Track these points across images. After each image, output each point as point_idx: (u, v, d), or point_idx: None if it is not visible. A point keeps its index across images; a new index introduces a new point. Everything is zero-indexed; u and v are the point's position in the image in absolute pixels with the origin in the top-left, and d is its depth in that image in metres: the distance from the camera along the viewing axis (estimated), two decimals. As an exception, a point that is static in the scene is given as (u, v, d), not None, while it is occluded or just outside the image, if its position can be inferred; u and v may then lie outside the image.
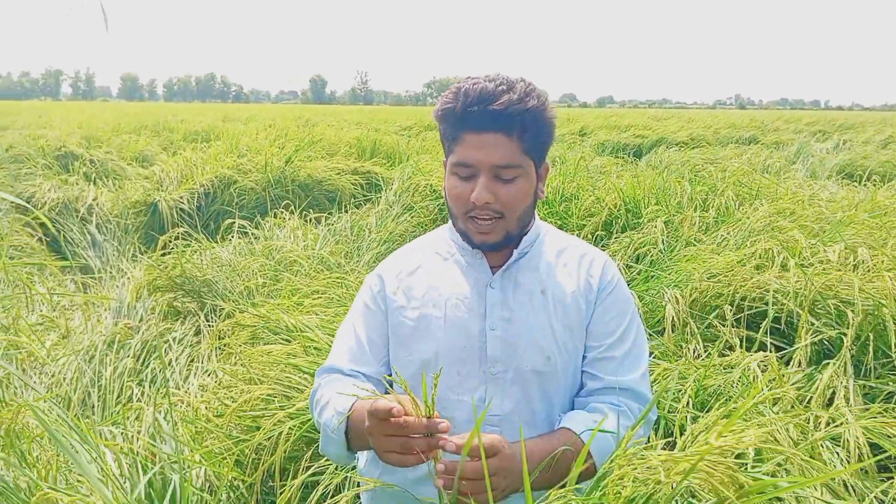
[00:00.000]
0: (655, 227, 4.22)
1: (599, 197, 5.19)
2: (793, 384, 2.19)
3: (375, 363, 1.39)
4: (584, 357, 1.35)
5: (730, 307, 2.95)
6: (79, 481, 1.92)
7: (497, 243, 1.30)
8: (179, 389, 3.28)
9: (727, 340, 2.83)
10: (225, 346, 3.36)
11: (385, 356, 1.40)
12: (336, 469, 2.10)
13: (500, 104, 1.20)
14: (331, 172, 7.54)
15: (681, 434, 1.88)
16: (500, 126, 1.22)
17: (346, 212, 6.21)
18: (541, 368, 1.31)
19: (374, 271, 1.46)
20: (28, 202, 6.77)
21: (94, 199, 6.99)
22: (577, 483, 1.08)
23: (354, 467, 1.71)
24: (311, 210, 6.26)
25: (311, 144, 9.02)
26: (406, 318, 1.36)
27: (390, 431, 1.05)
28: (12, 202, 5.96)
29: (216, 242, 5.38)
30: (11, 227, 5.31)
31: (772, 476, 1.79)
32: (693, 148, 12.55)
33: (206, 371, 3.42)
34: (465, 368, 1.32)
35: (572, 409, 1.36)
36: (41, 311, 4.21)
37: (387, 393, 1.40)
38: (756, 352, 2.53)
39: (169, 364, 3.62)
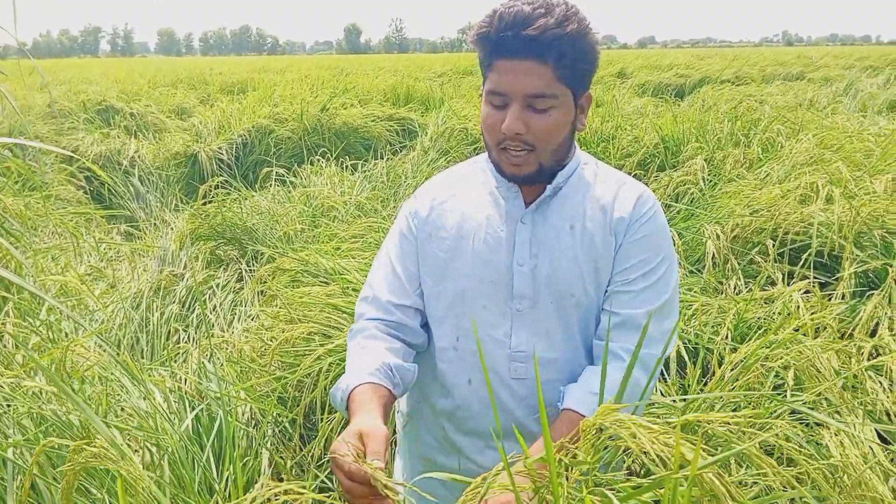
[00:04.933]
0: (695, 164, 4.14)
1: (638, 136, 5.10)
2: (836, 315, 2.15)
3: (412, 293, 1.36)
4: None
5: (772, 242, 2.89)
6: (129, 416, 2.00)
7: (529, 176, 1.25)
8: (224, 332, 3.37)
9: (769, 275, 2.79)
10: (266, 290, 3.43)
11: (420, 286, 1.37)
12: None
13: (534, 29, 1.13)
14: (366, 119, 7.52)
15: (719, 366, 1.87)
16: (534, 52, 1.16)
17: (383, 158, 6.20)
18: (565, 306, 1.28)
19: (411, 197, 1.43)
20: (71, 156, 6.91)
21: (135, 152, 7.09)
22: None
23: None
24: (347, 157, 6.27)
25: (345, 92, 8.99)
26: (436, 249, 1.33)
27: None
28: (58, 155, 6.09)
29: (255, 191, 5.44)
30: (57, 179, 5.43)
31: (812, 406, 1.78)
32: (738, 86, 12.17)
33: (250, 315, 3.50)
34: (491, 303, 1.29)
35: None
36: (89, 262, 4.32)
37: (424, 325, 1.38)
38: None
39: (213, 309, 3.71)
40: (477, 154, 1.45)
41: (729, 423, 0.93)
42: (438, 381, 1.37)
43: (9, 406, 1.79)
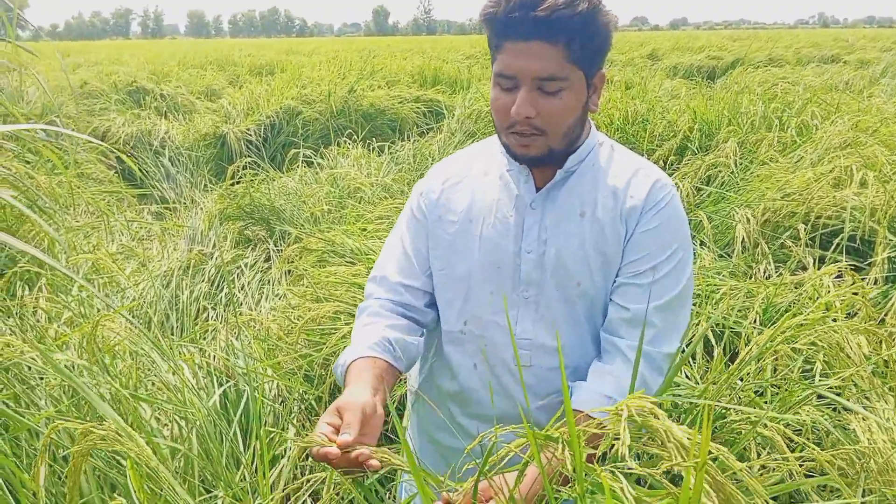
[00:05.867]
0: (727, 147, 4.08)
1: (671, 120, 5.03)
2: (868, 300, 2.11)
3: (422, 274, 1.35)
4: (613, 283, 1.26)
5: (804, 226, 2.85)
6: (159, 390, 2.03)
7: (539, 158, 1.22)
8: (252, 311, 3.41)
9: (800, 260, 2.74)
10: (293, 269, 3.46)
11: (430, 267, 1.37)
12: (401, 381, 2.16)
13: (543, 9, 1.10)
14: (393, 101, 7.52)
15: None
16: (543, 34, 1.11)
17: (409, 140, 6.20)
18: (570, 295, 1.25)
19: (424, 178, 1.41)
20: (103, 136, 7.00)
21: (165, 133, 7.18)
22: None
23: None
24: (373, 139, 6.28)
25: (372, 73, 8.98)
26: (444, 231, 1.32)
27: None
28: (89, 133, 6.17)
29: (283, 172, 5.48)
30: (87, 158, 5.51)
31: (840, 391, 1.76)
32: (772, 68, 11.93)
33: (277, 294, 3.54)
34: (497, 289, 1.28)
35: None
36: (121, 241, 4.39)
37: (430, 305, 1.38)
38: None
39: (241, 288, 3.76)
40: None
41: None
42: (445, 364, 1.37)
43: (41, 379, 1.84)
